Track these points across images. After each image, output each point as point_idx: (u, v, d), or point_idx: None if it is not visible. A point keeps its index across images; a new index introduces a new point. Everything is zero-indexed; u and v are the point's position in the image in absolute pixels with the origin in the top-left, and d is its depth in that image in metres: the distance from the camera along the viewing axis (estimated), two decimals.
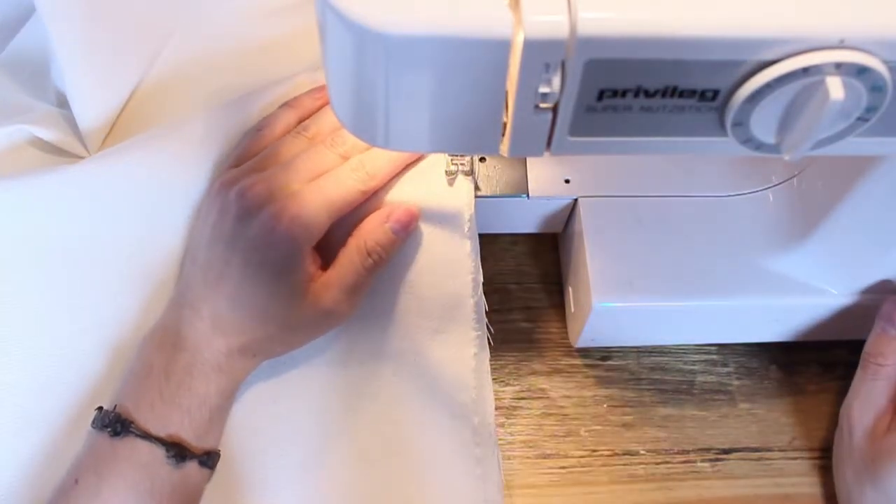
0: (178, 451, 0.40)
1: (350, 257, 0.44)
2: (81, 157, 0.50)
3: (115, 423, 0.40)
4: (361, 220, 0.46)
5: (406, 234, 0.46)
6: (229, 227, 0.42)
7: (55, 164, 0.50)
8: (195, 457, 0.41)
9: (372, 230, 0.45)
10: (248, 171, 0.44)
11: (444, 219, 0.47)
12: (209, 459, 0.42)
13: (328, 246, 0.44)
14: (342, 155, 0.45)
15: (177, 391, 0.41)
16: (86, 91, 0.50)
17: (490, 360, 0.48)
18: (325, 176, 0.44)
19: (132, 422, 0.40)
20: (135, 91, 0.53)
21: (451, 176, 0.47)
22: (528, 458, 0.49)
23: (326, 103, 0.48)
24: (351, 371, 0.47)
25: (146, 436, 0.40)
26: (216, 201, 0.44)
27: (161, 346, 0.42)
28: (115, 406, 0.41)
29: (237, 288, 0.42)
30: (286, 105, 0.48)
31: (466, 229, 0.47)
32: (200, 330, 0.42)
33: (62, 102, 0.52)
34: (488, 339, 0.48)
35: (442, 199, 0.47)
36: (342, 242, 0.45)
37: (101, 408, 0.41)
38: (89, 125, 0.50)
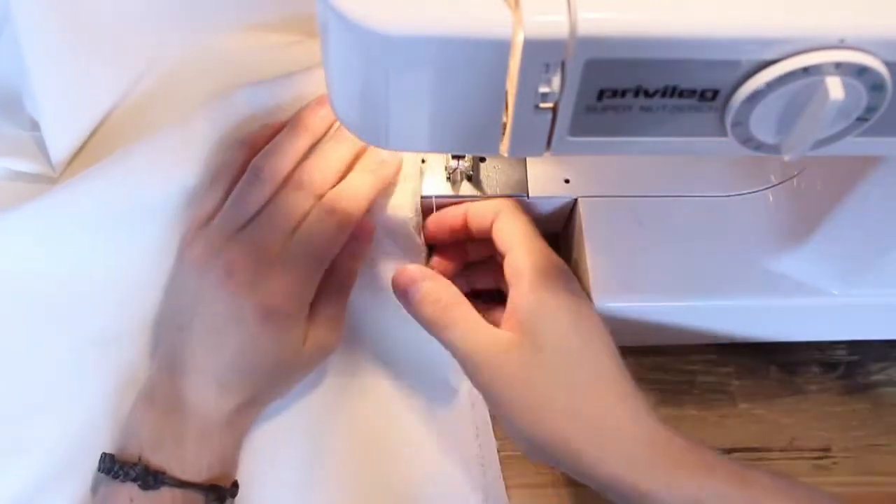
0: (217, 493, 0.41)
1: (330, 292, 0.45)
2: (51, 180, 0.50)
3: (145, 476, 0.40)
4: None
5: (370, 246, 0.46)
6: (224, 302, 0.42)
7: (28, 190, 0.49)
8: (226, 491, 0.42)
9: (342, 263, 0.45)
10: (221, 234, 0.43)
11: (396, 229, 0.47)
12: (236, 489, 0.43)
13: None
14: (312, 194, 0.44)
15: (198, 451, 0.41)
16: (57, 110, 0.49)
17: None
18: (305, 229, 0.43)
19: (164, 472, 0.40)
20: (107, 115, 0.53)
21: (450, 171, 0.47)
22: (526, 457, 0.49)
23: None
24: (341, 378, 0.48)
25: (184, 484, 0.40)
26: (199, 273, 0.42)
27: (167, 413, 0.42)
28: (139, 458, 0.41)
29: (240, 352, 0.42)
30: (240, 143, 0.46)
31: (420, 242, 0.47)
32: (208, 395, 0.42)
33: (35, 128, 0.52)
34: None
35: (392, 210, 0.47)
36: None
37: (111, 455, 0.41)
38: (59, 145, 0.50)
